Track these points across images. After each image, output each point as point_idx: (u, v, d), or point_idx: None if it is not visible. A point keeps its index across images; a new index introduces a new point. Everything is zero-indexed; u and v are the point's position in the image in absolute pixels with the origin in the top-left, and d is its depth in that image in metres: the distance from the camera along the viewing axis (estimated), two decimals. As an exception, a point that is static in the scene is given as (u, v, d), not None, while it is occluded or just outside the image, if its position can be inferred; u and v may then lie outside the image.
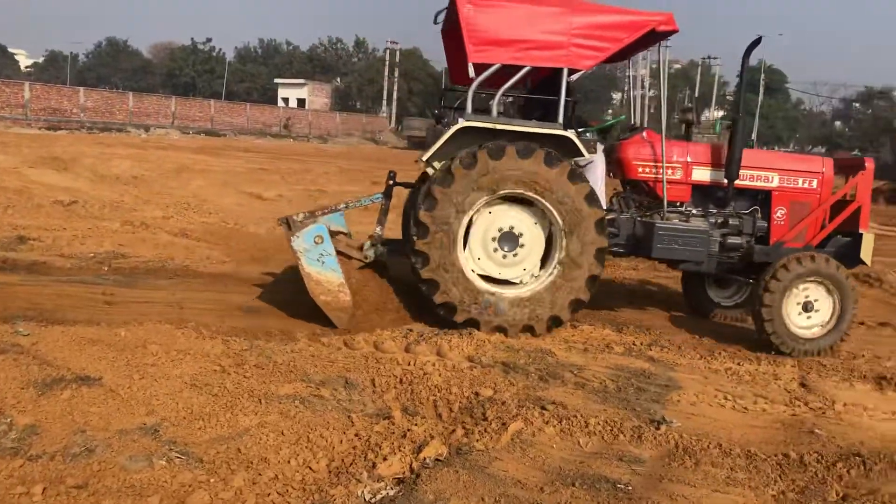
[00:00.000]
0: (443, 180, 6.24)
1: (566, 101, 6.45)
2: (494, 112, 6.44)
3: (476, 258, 6.46)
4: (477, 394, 4.81)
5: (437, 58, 73.60)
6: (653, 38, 6.70)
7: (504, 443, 4.11)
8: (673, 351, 6.32)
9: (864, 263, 7.03)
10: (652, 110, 8.31)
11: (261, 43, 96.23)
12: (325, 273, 6.24)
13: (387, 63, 78.14)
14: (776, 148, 70.35)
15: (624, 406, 4.84)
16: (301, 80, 77.23)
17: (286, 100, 73.85)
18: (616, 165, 7.18)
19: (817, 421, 4.80)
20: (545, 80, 7.09)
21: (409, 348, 5.68)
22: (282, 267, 9.09)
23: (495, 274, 6.51)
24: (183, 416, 4.12)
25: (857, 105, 77.32)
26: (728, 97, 77.19)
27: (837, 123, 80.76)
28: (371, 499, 3.42)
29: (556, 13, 6.31)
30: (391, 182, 7.34)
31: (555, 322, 6.42)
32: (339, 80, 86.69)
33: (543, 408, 4.59)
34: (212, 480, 3.44)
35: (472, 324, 6.30)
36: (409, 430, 4.17)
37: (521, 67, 6.38)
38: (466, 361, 5.53)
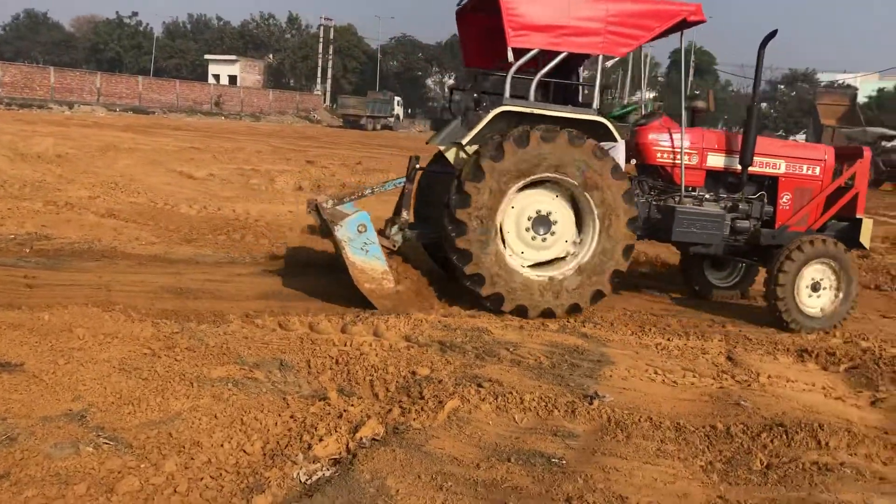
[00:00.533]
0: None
1: (581, 86, 6.62)
2: (532, 97, 6.49)
3: (510, 207, 6.46)
4: (414, 373, 4.82)
5: (372, 35, 72.85)
6: (678, 26, 6.84)
7: (441, 421, 4.12)
8: (605, 327, 6.43)
9: (863, 247, 7.42)
10: (586, 91, 8.41)
11: (190, 18, 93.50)
12: (369, 261, 6.23)
13: (321, 40, 76.98)
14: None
15: (558, 382, 4.91)
16: (232, 57, 75.35)
17: (217, 77, 72.02)
18: (634, 151, 7.27)
19: (743, 393, 4.96)
20: (558, 65, 7.03)
21: (345, 329, 5.64)
22: (213, 247, 8.92)
23: (506, 234, 6.51)
24: (111, 401, 4.01)
25: (782, 87, 79.72)
26: (659, 78, 78.60)
27: (763, 105, 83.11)
28: (307, 480, 3.39)
29: (594, 0, 6.41)
30: (416, 167, 7.22)
31: (495, 301, 6.44)
32: (271, 56, 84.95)
33: (480, 385, 4.62)
34: (142, 466, 3.36)
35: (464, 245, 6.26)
36: (345, 410, 4.14)
37: (557, 53, 6.46)
38: (403, 341, 5.52)
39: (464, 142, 6.34)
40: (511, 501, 3.32)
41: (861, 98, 57.01)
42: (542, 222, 6.52)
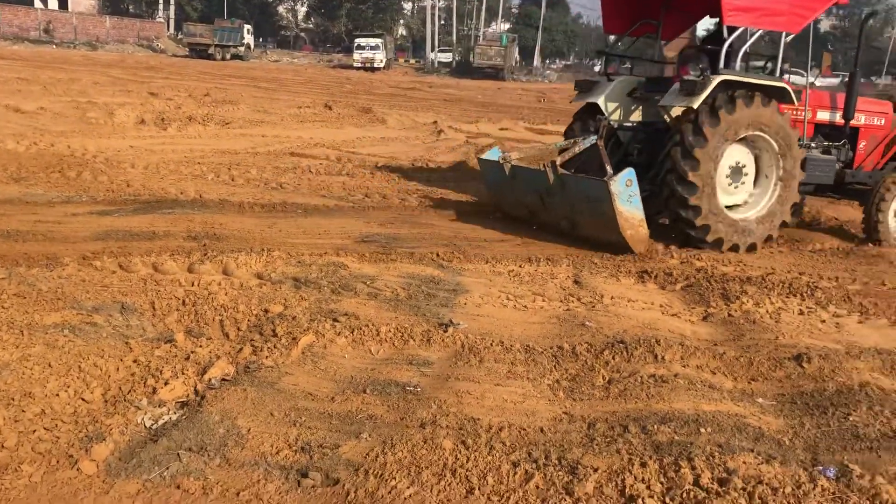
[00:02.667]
0: (747, 100, 7.24)
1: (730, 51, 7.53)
2: (738, 66, 7.56)
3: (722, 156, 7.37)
4: (266, 311, 4.71)
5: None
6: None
7: (295, 357, 4.07)
8: (460, 257, 6.53)
9: None
10: (442, 21, 8.50)
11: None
12: (631, 211, 6.89)
13: (161, -38, 71.64)
14: (557, 61, 73.57)
15: (414, 312, 4.96)
16: (61, -21, 68.86)
17: (45, 1, 65.78)
18: None
19: (588, 314, 5.20)
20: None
21: (192, 268, 5.41)
22: (45, 186, 8.27)
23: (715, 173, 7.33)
24: (-74, 355, 3.67)
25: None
26: (513, 10, 79.14)
27: (612, 37, 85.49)
28: (152, 425, 3.26)
29: None
30: (616, 125, 8.21)
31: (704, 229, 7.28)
32: (106, -21, 78.30)
33: (335, 320, 4.59)
34: (-36, 423, 3.11)
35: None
36: (193, 352, 4.00)
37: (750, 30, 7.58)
38: (255, 279, 5.38)
39: (695, 106, 7.10)
40: (366, 431, 3.34)
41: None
42: (737, 172, 7.57)
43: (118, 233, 6.52)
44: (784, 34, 7.75)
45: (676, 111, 7.48)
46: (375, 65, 52.66)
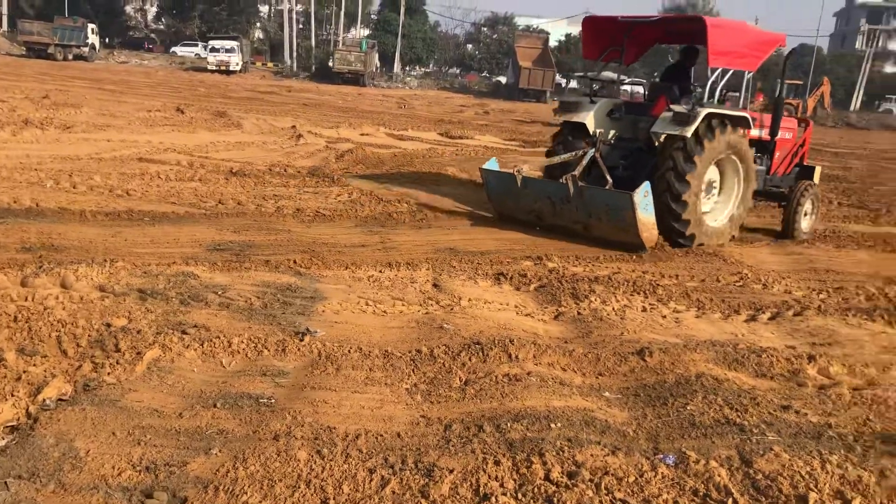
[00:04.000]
0: (723, 127, 8.51)
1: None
2: (715, 100, 8.81)
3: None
4: (108, 325, 4.45)
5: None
6: None
7: (139, 373, 3.87)
8: (319, 263, 6.44)
9: (815, 185, 10.21)
10: (300, 26, 8.31)
11: None
12: (647, 217, 7.96)
13: (-8, -46, 66.38)
14: (417, 67, 74.20)
15: (269, 322, 4.84)
16: None
17: None
18: None
19: (446, 317, 5.27)
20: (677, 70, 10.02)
21: (25, 282, 5.03)
22: None
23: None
24: None
25: (486, 29, 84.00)
26: (373, 16, 79.05)
27: (469, 46, 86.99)
28: (-24, 454, 3.00)
29: (745, 31, 9.11)
30: (606, 142, 9.21)
31: (690, 238, 8.45)
32: (-73, -30, 71.70)
33: (184, 332, 4.41)
34: None
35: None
36: (25, 371, 3.72)
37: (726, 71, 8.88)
38: (97, 291, 5.07)
39: (688, 135, 8.18)
40: (216, 446, 3.22)
41: (552, 42, 62.17)
42: (710, 186, 8.85)
43: (-61, 246, 5.98)
44: (746, 73, 9.28)
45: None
46: (231, 68, 51.15)
